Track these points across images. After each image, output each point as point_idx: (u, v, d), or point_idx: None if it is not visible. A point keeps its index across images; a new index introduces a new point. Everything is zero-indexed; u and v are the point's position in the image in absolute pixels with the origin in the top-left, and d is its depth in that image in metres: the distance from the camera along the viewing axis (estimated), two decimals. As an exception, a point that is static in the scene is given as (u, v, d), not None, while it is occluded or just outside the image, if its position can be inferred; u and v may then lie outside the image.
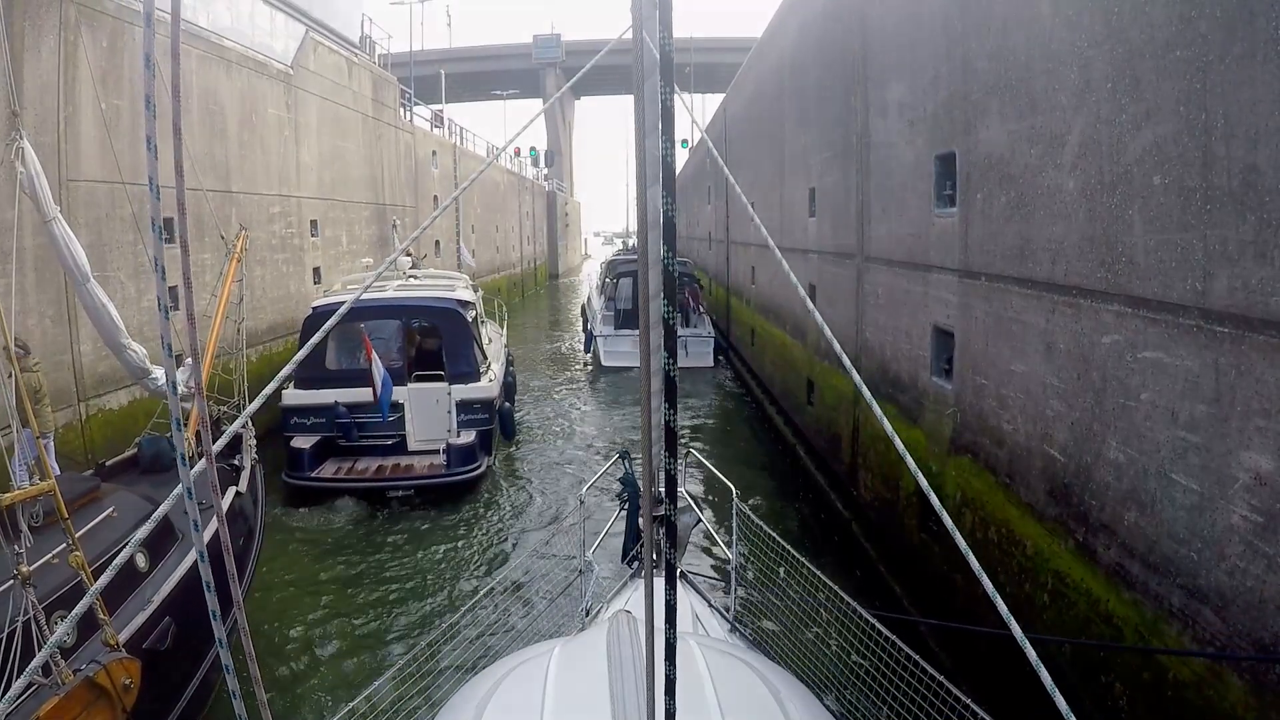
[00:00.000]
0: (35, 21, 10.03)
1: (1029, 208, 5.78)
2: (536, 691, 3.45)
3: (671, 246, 2.15)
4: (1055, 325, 5.52)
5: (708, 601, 6.48)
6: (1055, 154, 5.46)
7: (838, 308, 10.82)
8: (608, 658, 3.55)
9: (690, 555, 9.35)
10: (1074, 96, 5.27)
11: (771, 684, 3.71)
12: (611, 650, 3.59)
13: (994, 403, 6.37)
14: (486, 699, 3.52)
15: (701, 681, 3.43)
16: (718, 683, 3.47)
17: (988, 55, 6.39)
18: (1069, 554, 5.55)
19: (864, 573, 9.26)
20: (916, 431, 7.93)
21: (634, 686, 3.19)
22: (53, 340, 10.39)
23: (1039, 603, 5.90)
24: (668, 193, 2.13)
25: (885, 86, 8.73)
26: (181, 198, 2.16)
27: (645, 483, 2.56)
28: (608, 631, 3.82)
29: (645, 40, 2.30)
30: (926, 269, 7.58)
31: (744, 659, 4.18)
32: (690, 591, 6.26)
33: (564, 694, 3.44)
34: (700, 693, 3.32)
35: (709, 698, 3.31)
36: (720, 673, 3.61)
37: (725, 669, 3.75)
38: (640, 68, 2.31)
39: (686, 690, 2.48)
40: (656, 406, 2.33)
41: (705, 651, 3.82)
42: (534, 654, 4.06)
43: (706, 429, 17.41)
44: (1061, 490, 5.58)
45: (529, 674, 3.71)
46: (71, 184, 10.64)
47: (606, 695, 3.26)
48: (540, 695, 3.41)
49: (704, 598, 6.53)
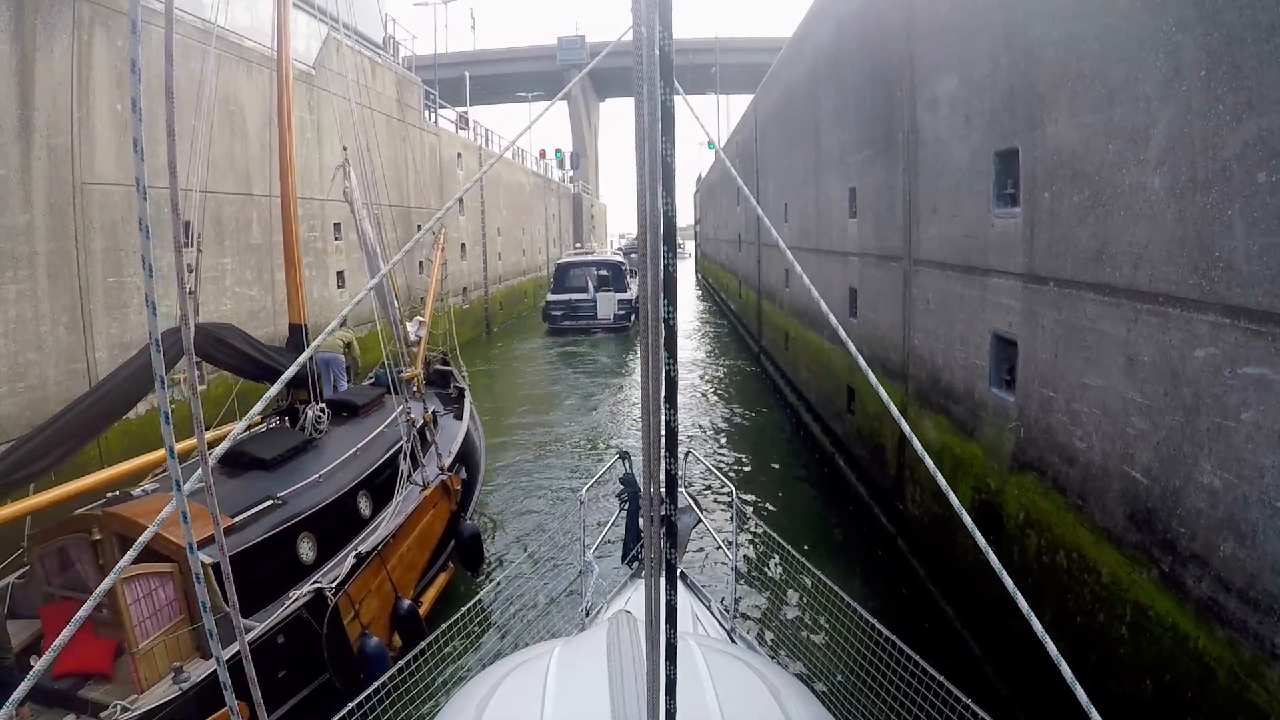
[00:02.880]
0: (48, 20, 9.74)
1: (1106, 208, 5.31)
2: (536, 691, 3.47)
3: (671, 247, 2.17)
4: (1138, 336, 5.04)
5: (708, 602, 6.53)
6: (1138, 149, 4.99)
7: (881, 313, 10.34)
8: (608, 658, 3.58)
9: (690, 555, 9.41)
10: (1160, 86, 4.80)
11: (771, 684, 3.70)
12: (611, 650, 3.62)
13: (1064, 418, 5.90)
14: (487, 699, 3.54)
15: (701, 682, 3.44)
16: (718, 683, 3.47)
17: (1055, 44, 5.92)
18: (1151, 584, 5.07)
19: (911, 591, 8.83)
20: (973, 446, 7.45)
21: (634, 687, 3.22)
22: (66, 348, 10.11)
23: (1114, 634, 5.43)
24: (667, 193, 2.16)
25: (935, 80, 8.26)
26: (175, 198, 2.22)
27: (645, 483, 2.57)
28: (608, 631, 3.86)
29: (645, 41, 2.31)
30: (984, 273, 7.10)
31: (744, 659, 4.16)
32: (690, 592, 6.31)
33: (564, 694, 3.46)
34: (700, 693, 3.33)
35: (709, 698, 3.33)
36: (720, 673, 3.61)
37: (725, 669, 3.74)
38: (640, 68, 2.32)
39: (686, 690, 2.51)
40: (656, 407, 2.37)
41: (705, 651, 3.83)
42: (534, 654, 4.08)
43: (739, 435, 17.01)
44: (1144, 515, 5.11)
45: (529, 674, 3.73)
46: (86, 187, 10.36)
47: (606, 695, 3.27)
48: (540, 695, 3.43)
49: (704, 598, 6.58)
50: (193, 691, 5.46)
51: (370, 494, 8.36)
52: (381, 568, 7.69)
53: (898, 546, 9.54)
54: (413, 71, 25.41)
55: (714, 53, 59.85)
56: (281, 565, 6.96)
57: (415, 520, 8.60)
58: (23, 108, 9.40)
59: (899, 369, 9.62)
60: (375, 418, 9.74)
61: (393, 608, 7.74)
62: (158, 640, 5.81)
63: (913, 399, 9.14)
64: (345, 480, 8.08)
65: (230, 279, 14.14)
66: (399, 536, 8.16)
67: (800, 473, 14.21)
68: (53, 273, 9.83)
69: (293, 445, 8.18)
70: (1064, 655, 3.88)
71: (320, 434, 8.81)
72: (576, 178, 69.78)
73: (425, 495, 8.93)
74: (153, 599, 5.84)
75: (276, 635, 6.25)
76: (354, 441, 8.79)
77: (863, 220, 11.26)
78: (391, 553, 7.95)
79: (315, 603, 6.64)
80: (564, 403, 20.78)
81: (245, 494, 7.14)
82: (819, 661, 7.03)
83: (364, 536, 7.92)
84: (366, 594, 7.38)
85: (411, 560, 8.44)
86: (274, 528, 6.95)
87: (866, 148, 10.90)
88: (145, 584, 5.82)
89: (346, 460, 8.31)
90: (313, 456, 8.24)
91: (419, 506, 8.71)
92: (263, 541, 6.77)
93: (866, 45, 11.00)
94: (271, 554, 6.86)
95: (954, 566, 7.88)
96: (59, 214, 10.03)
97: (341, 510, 7.86)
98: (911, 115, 8.93)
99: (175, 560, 5.98)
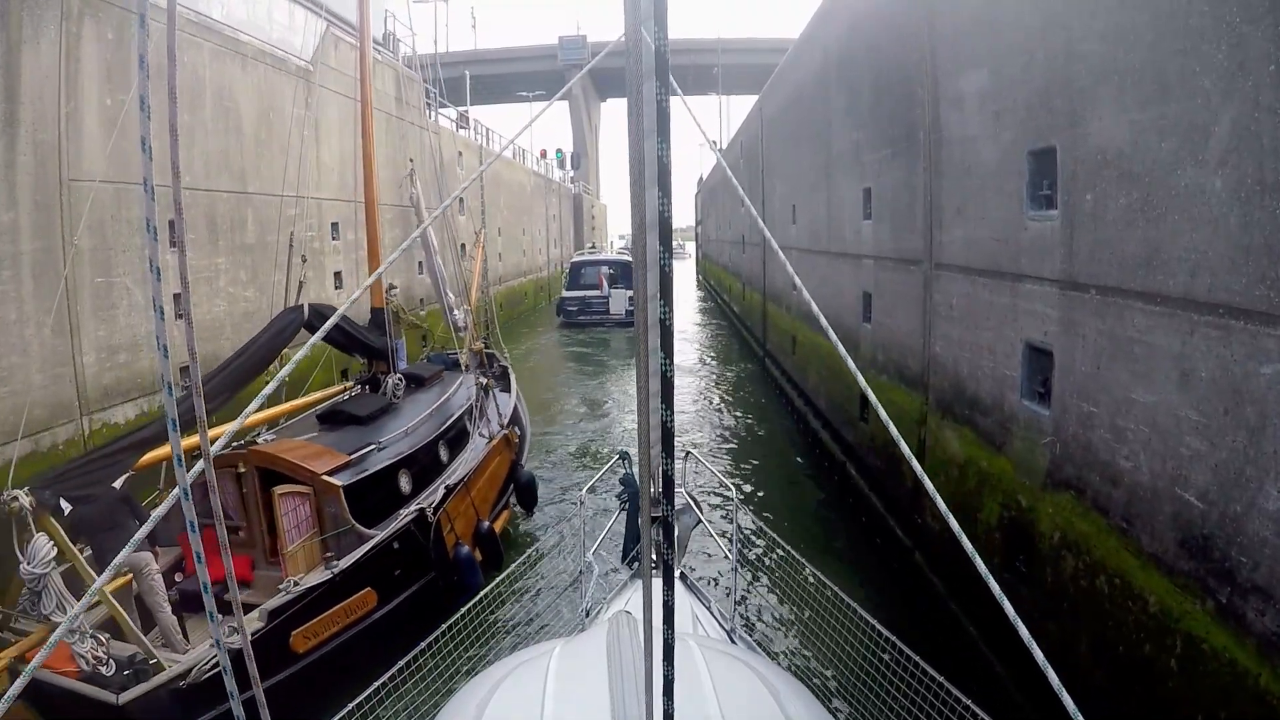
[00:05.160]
0: (34, 12, 9.36)
1: (1158, 210, 4.94)
2: (536, 692, 3.48)
3: (667, 248, 2.15)
4: (1194, 349, 4.67)
5: (708, 602, 6.56)
6: (1196, 148, 4.62)
7: (899, 318, 9.97)
8: (607, 658, 3.60)
9: (690, 556, 9.47)
10: (1222, 80, 4.43)
11: (771, 684, 3.71)
12: (611, 651, 3.64)
13: (1107, 434, 5.53)
14: (487, 699, 3.55)
15: (701, 682, 3.45)
16: (717, 683, 3.48)
17: (1099, 35, 5.55)
18: (1206, 616, 4.71)
19: (930, 607, 8.47)
20: (1001, 460, 7.09)
21: (633, 687, 3.23)
22: (52, 351, 9.72)
23: (1162, 666, 5.07)
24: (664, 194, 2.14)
25: (960, 76, 7.90)
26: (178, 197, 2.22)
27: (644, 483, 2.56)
28: (608, 632, 3.88)
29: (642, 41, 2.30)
30: (1016, 278, 6.73)
31: (744, 659, 4.18)
32: (690, 592, 6.35)
33: (564, 694, 3.47)
34: (700, 693, 3.34)
35: (709, 698, 3.34)
36: (720, 673, 3.62)
37: (725, 669, 3.76)
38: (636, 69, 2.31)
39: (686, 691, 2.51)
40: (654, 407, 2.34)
41: (705, 652, 3.84)
42: (534, 654, 4.10)
43: (744, 441, 16.67)
44: (1199, 542, 4.74)
45: (529, 674, 3.74)
46: (73, 184, 9.97)
47: (606, 696, 3.29)
48: (540, 695, 3.44)
49: (704, 598, 6.62)
50: (339, 576, 7.39)
51: (447, 444, 10.33)
52: (466, 495, 9.77)
53: (915, 561, 9.18)
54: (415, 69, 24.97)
55: (716, 53, 59.50)
56: (388, 493, 8.76)
57: (486, 463, 10.76)
58: (7, 101, 9.03)
59: (918, 377, 9.25)
60: (439, 388, 11.86)
61: (475, 527, 9.70)
62: (299, 546, 7.64)
63: (934, 409, 8.77)
64: (427, 432, 9.99)
65: (224, 279, 13.75)
66: (475, 474, 10.22)
67: (809, 482, 13.87)
68: (37, 273, 9.44)
69: (380, 406, 10.34)
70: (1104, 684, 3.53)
71: (398, 399, 10.88)
72: (577, 178, 69.44)
73: (492, 445, 11.15)
74: (296, 514, 7.72)
75: (392, 542, 8.11)
76: (427, 405, 10.82)
77: (879, 222, 10.89)
78: (472, 485, 10.02)
79: (419, 520, 8.55)
80: (571, 406, 20.44)
81: (353, 440, 9.04)
82: (819, 662, 7.09)
83: (448, 474, 9.89)
84: (456, 515, 9.37)
85: (485, 494, 10.52)
86: (380, 464, 8.80)
87: (883, 147, 10.54)
88: (291, 501, 7.68)
89: (425, 418, 10.27)
90: (394, 415, 10.26)
91: (488, 453, 10.92)
92: (374, 474, 8.60)
93: (883, 41, 10.63)
94: (380, 484, 8.67)
95: (980, 585, 7.50)
96: (45, 212, 9.64)
97: (427, 455, 9.78)
98: (934, 113, 8.56)
99: (312, 485, 7.88)
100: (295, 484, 7.81)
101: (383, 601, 7.83)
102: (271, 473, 8.01)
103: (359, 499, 8.08)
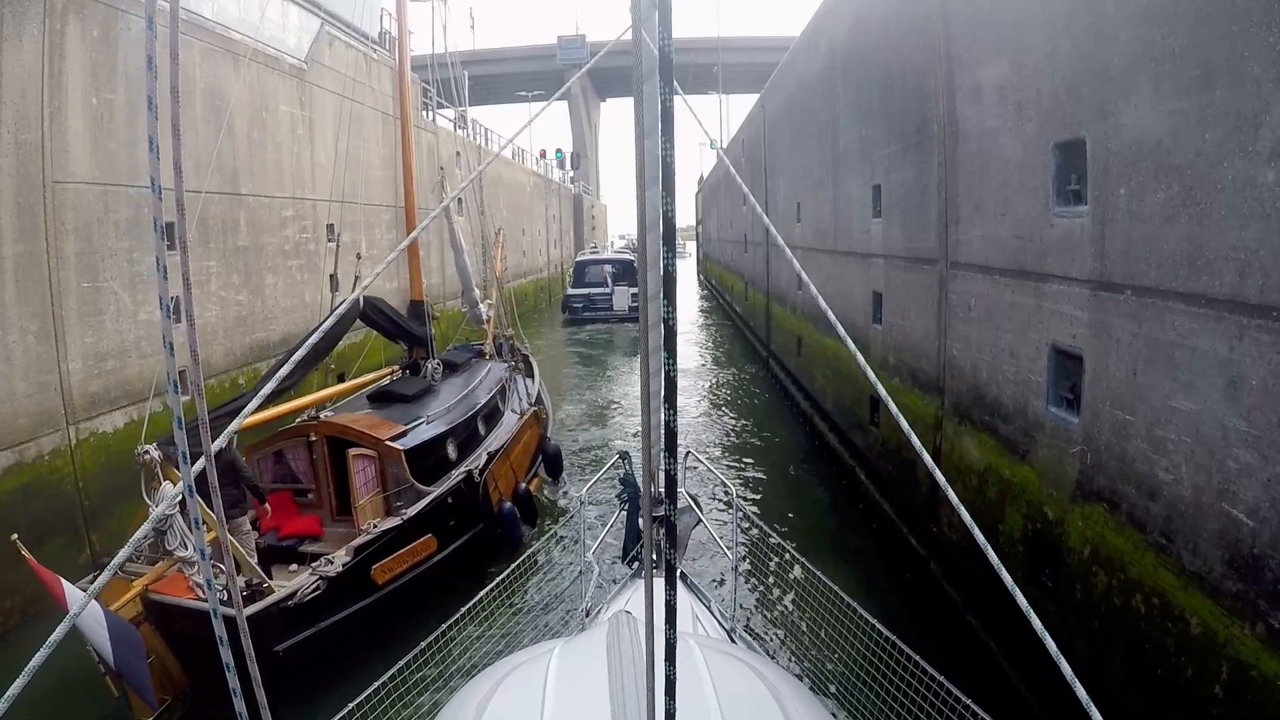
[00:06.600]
0: (16, 8, 9.03)
1: (1202, 205, 4.60)
2: (536, 691, 3.48)
3: (671, 247, 2.11)
4: (1244, 355, 4.34)
5: (708, 602, 6.55)
6: (1245, 138, 4.28)
7: (912, 319, 9.63)
8: (608, 658, 3.60)
9: (690, 555, 9.57)
10: (1273, 65, 4.09)
11: (771, 684, 3.70)
12: (611, 650, 3.64)
13: (1144, 445, 5.19)
14: (487, 699, 3.54)
15: (701, 682, 3.44)
16: (718, 683, 3.47)
17: (1132, 19, 5.22)
18: (1256, 641, 4.38)
19: (946, 620, 8.15)
20: (1025, 469, 6.76)
21: (634, 687, 3.22)
22: (36, 358, 9.40)
23: (1205, 692, 4.74)
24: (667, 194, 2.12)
25: (977, 67, 7.56)
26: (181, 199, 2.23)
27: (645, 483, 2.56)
28: (608, 632, 3.87)
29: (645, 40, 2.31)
30: (1041, 278, 6.40)
31: (744, 659, 4.17)
32: (690, 592, 6.33)
33: (564, 694, 3.46)
34: (700, 693, 3.33)
35: (709, 698, 3.33)
36: (720, 673, 3.62)
37: (725, 669, 3.75)
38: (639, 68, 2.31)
39: (686, 690, 2.51)
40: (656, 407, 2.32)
41: (705, 652, 3.84)
42: (534, 654, 4.10)
43: (747, 444, 16.35)
44: (1248, 562, 4.41)
45: (529, 674, 3.74)
46: (58, 186, 9.64)
47: (606, 695, 3.29)
48: (540, 695, 3.43)
49: (704, 598, 6.61)
50: (407, 522, 8.71)
51: (483, 419, 11.79)
52: (506, 460, 11.29)
53: (930, 571, 8.85)
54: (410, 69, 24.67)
55: (717, 52, 59.12)
56: (439, 458, 10.12)
57: (520, 435, 12.29)
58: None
59: (933, 381, 8.91)
60: (470, 373, 13.46)
61: (514, 488, 11.25)
62: (368, 500, 9.04)
63: (950, 414, 8.43)
64: (465, 409, 11.44)
65: (215, 283, 13.43)
66: (511, 444, 11.72)
67: (816, 487, 13.54)
68: (20, 277, 9.11)
69: (423, 387, 11.84)
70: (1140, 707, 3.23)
71: (436, 381, 12.39)
72: (577, 178, 69.11)
73: (523, 419, 12.74)
74: (364, 474, 9.12)
75: (446, 498, 9.45)
76: (463, 386, 12.41)
77: (889, 220, 10.56)
78: (509, 452, 11.52)
79: (468, 479, 9.94)
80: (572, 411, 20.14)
81: (402, 415, 10.35)
82: (819, 661, 7.14)
83: (487, 443, 11.36)
84: (499, 476, 10.88)
85: (520, 460, 12.09)
86: (431, 434, 10.15)
87: (894, 142, 10.20)
88: (361, 463, 9.10)
89: (463, 397, 11.80)
90: (435, 395, 11.70)
91: (520, 426, 12.44)
92: (427, 440, 9.96)
93: (892, 34, 10.30)
94: (432, 450, 10.03)
95: (1001, 597, 7.17)
96: (28, 214, 9.30)
97: (467, 428, 11.18)
98: (949, 106, 8.22)
99: (377, 450, 9.25)
100: (363, 449, 9.20)
101: (441, 546, 9.19)
102: (339, 441, 9.43)
103: (416, 461, 9.46)
